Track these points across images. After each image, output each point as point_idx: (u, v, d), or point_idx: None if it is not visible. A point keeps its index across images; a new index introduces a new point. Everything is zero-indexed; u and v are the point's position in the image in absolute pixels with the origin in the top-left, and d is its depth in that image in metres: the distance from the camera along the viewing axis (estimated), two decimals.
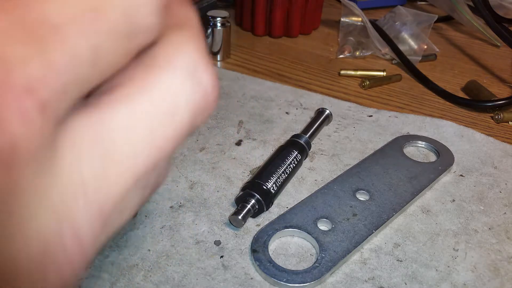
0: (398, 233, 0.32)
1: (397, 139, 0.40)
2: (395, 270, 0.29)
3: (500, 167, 0.38)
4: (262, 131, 0.41)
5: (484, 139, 0.42)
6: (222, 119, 0.43)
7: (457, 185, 0.36)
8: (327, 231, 0.31)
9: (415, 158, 0.38)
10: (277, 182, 0.33)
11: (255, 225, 0.32)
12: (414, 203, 0.34)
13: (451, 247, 0.31)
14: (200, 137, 0.40)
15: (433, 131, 0.42)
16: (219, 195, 0.34)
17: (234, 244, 0.30)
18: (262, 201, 0.32)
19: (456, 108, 0.48)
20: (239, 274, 0.28)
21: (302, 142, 0.37)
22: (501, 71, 0.56)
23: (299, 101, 0.46)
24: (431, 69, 0.55)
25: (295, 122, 0.43)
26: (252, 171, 0.37)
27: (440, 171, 0.36)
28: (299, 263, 0.29)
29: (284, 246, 0.30)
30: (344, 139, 0.41)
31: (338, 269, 0.29)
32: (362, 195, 0.34)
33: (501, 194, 0.36)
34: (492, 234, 0.32)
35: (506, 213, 0.34)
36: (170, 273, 0.28)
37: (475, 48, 0.62)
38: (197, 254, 0.29)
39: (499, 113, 0.45)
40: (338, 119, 0.43)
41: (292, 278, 0.27)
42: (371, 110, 0.45)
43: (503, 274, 0.29)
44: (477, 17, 0.61)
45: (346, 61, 0.56)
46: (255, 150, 0.39)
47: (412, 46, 0.56)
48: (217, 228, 0.31)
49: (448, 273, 0.29)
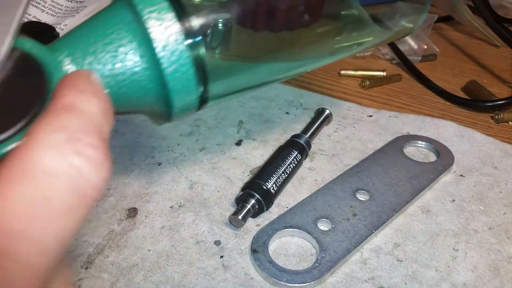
0: (398, 233, 0.32)
1: (397, 139, 0.40)
2: (395, 270, 0.29)
3: (500, 167, 0.38)
4: (262, 131, 0.41)
5: (484, 139, 0.42)
6: (222, 119, 0.43)
7: (457, 185, 0.36)
8: (327, 231, 0.31)
9: (415, 158, 0.38)
10: (277, 182, 0.33)
11: (255, 225, 0.32)
12: (414, 203, 0.34)
13: (451, 247, 0.31)
14: (200, 137, 0.40)
15: (433, 131, 0.42)
16: (219, 195, 0.34)
17: (234, 244, 0.30)
18: (262, 201, 0.32)
19: (456, 108, 0.48)
20: (239, 274, 0.28)
21: (302, 142, 0.37)
22: (501, 71, 0.56)
23: (299, 101, 0.46)
24: (431, 69, 0.55)
25: (295, 122, 0.43)
26: (252, 171, 0.37)
27: (440, 171, 0.36)
28: (299, 263, 0.29)
29: (284, 246, 0.30)
30: (344, 139, 0.41)
31: (338, 269, 0.29)
32: (362, 195, 0.34)
33: (501, 194, 0.36)
34: (492, 234, 0.32)
35: (506, 213, 0.34)
36: (170, 273, 0.28)
37: (475, 48, 0.62)
38: (197, 254, 0.29)
39: (499, 113, 0.45)
40: (338, 119, 0.44)
41: (292, 278, 0.27)
42: (371, 110, 0.45)
43: (503, 274, 0.29)
44: (477, 17, 0.61)
45: (346, 61, 0.56)
46: (255, 150, 0.39)
47: (412, 46, 0.56)
48: (217, 228, 0.31)
49: (448, 273, 0.29)
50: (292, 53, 0.29)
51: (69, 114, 0.16)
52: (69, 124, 0.16)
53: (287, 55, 0.29)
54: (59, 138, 0.15)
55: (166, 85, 0.23)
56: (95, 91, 0.18)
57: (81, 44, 0.22)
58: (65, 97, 0.17)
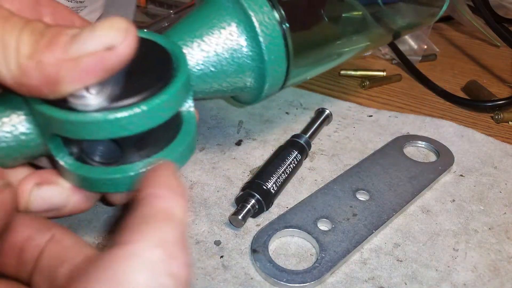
0: (398, 233, 0.32)
1: (397, 139, 0.40)
2: (395, 270, 0.29)
3: (500, 167, 0.38)
4: (262, 131, 0.41)
5: (484, 139, 0.42)
6: (222, 119, 0.43)
7: (457, 185, 0.36)
8: (327, 231, 0.31)
9: (415, 158, 0.38)
10: (277, 182, 0.33)
11: (255, 225, 0.32)
12: (414, 203, 0.34)
13: (451, 247, 0.31)
14: (200, 137, 0.40)
15: (433, 131, 0.42)
16: (219, 195, 0.34)
17: (234, 244, 0.30)
18: (262, 201, 0.32)
19: (456, 108, 0.48)
20: (239, 274, 0.28)
21: (302, 142, 0.37)
22: (501, 71, 0.56)
23: (299, 101, 0.46)
24: (431, 69, 0.55)
25: (295, 122, 0.43)
26: (252, 171, 0.37)
27: (440, 171, 0.36)
28: (299, 263, 0.29)
29: (284, 246, 0.30)
30: (344, 139, 0.41)
31: (338, 269, 0.29)
32: (362, 195, 0.34)
33: (501, 194, 0.36)
34: (492, 234, 0.32)
35: (506, 213, 0.34)
36: None
37: (475, 48, 0.62)
38: (197, 254, 0.29)
39: (499, 113, 0.45)
40: (338, 119, 0.44)
41: (292, 278, 0.27)
42: (371, 110, 0.45)
43: (503, 274, 0.29)
44: (477, 17, 0.60)
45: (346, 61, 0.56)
46: (255, 150, 0.39)
47: (412, 46, 0.56)
48: (217, 228, 0.31)
49: (448, 273, 0.29)
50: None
51: (167, 224, 0.16)
52: (168, 238, 0.16)
53: None
54: (157, 256, 0.15)
55: (263, 56, 0.28)
56: (182, 191, 0.18)
57: (189, 30, 0.27)
58: (161, 199, 0.17)
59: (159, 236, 0.16)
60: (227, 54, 0.28)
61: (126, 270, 0.15)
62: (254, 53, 0.28)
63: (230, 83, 0.29)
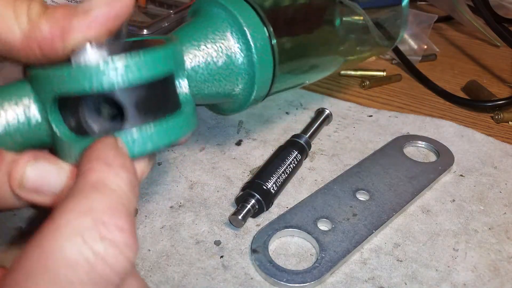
0: (398, 233, 0.32)
1: (397, 139, 0.40)
2: (395, 270, 0.29)
3: (500, 167, 0.38)
4: (262, 131, 0.41)
5: (484, 139, 0.42)
6: (222, 119, 0.43)
7: (457, 185, 0.36)
8: (327, 231, 0.31)
9: (415, 158, 0.38)
10: (277, 182, 0.33)
11: (255, 225, 0.32)
12: (414, 203, 0.34)
13: (451, 247, 0.31)
14: (200, 137, 0.40)
15: (433, 131, 0.42)
16: (219, 195, 0.34)
17: (234, 244, 0.30)
18: (262, 201, 0.32)
19: (456, 108, 0.48)
20: (239, 274, 0.28)
21: (302, 142, 0.37)
22: (501, 71, 0.56)
23: (299, 101, 0.46)
24: (431, 69, 0.55)
25: (295, 122, 0.43)
26: (252, 171, 0.37)
27: (440, 171, 0.36)
28: (299, 263, 0.29)
29: (284, 246, 0.30)
30: (344, 139, 0.41)
31: (338, 269, 0.29)
32: (362, 195, 0.34)
33: (501, 194, 0.36)
34: (492, 234, 0.32)
35: (506, 213, 0.34)
36: (170, 273, 0.28)
37: (475, 48, 0.62)
38: (197, 254, 0.29)
39: (499, 113, 0.45)
40: (338, 119, 0.43)
41: (292, 278, 0.27)
42: (371, 110, 0.45)
43: (503, 274, 0.29)
44: (477, 17, 0.60)
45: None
46: (255, 150, 0.39)
47: (412, 46, 0.56)
48: (217, 228, 0.31)
49: (448, 273, 0.29)
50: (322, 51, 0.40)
51: (96, 193, 0.16)
52: (96, 206, 0.16)
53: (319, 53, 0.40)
54: (84, 224, 0.15)
55: (254, 63, 0.31)
56: (123, 163, 0.18)
57: (187, 37, 0.30)
58: (93, 172, 0.17)
59: (86, 204, 0.16)
60: (223, 60, 0.31)
61: (57, 241, 0.15)
62: (247, 60, 0.31)
63: (219, 90, 0.32)
